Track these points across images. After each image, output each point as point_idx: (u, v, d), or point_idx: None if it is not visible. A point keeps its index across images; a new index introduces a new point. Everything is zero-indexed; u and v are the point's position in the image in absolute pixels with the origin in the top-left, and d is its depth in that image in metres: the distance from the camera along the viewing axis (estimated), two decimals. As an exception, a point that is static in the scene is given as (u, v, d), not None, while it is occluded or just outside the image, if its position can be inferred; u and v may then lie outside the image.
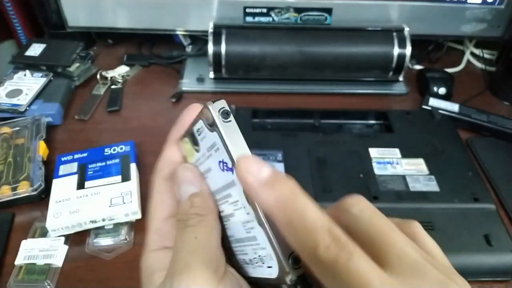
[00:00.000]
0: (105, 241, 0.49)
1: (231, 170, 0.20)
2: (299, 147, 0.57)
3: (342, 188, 0.52)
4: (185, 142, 0.24)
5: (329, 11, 0.71)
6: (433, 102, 0.68)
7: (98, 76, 0.75)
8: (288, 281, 0.19)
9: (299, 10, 0.71)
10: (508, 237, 0.48)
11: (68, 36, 0.78)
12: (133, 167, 0.54)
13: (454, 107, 0.67)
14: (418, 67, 0.81)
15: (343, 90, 0.74)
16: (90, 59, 0.79)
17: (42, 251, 0.47)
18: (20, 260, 0.46)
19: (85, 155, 0.56)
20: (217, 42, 0.67)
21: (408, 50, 0.69)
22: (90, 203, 0.50)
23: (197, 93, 0.73)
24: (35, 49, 0.75)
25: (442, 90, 0.72)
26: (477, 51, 0.84)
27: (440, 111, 0.66)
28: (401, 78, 0.72)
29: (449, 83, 0.72)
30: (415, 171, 0.55)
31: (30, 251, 0.47)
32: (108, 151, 0.56)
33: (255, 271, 0.23)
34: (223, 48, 0.67)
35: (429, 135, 0.60)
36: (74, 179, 0.53)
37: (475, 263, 0.46)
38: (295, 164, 0.55)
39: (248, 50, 0.68)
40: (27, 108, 0.64)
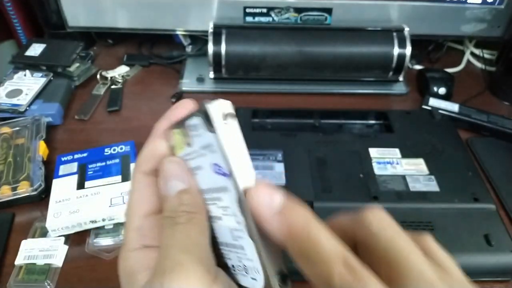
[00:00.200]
0: (105, 241, 0.49)
1: (225, 175, 0.19)
2: (299, 147, 0.57)
3: (342, 188, 0.52)
4: (176, 133, 0.22)
5: (329, 11, 0.71)
6: (433, 102, 0.68)
7: (98, 76, 0.75)
8: None
9: (299, 10, 0.71)
10: (508, 237, 0.48)
11: (68, 36, 0.78)
12: (133, 167, 0.54)
13: (454, 107, 0.67)
14: (418, 67, 0.81)
15: (343, 90, 0.74)
16: (90, 59, 0.79)
17: (42, 251, 0.47)
18: (20, 260, 0.46)
19: (85, 155, 0.56)
20: (217, 42, 0.67)
21: (408, 50, 0.69)
22: (90, 203, 0.50)
23: (197, 93, 0.73)
24: (35, 49, 0.75)
25: (442, 90, 0.72)
26: (477, 51, 0.84)
27: (440, 111, 0.66)
28: (401, 78, 0.72)
29: (449, 83, 0.72)
30: (415, 171, 0.55)
31: (30, 251, 0.47)
32: (108, 151, 0.56)
33: (237, 278, 0.22)
34: (223, 48, 0.67)
35: (429, 135, 0.60)
36: (74, 179, 0.53)
37: (475, 263, 0.46)
38: (295, 164, 0.55)
39: (248, 50, 0.68)
40: (27, 108, 0.64)
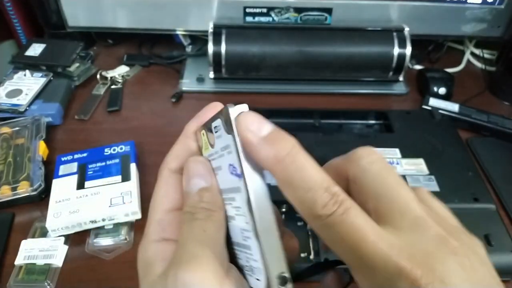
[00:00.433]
0: (105, 241, 0.49)
1: (238, 176, 0.20)
2: (299, 147, 0.57)
3: (342, 188, 0.52)
4: (203, 134, 0.24)
5: (329, 11, 0.71)
6: (433, 102, 0.68)
7: (98, 76, 0.75)
8: None
9: (299, 10, 0.71)
10: (508, 237, 0.48)
11: (68, 36, 0.78)
12: (133, 167, 0.54)
13: (454, 107, 0.67)
14: (418, 67, 0.81)
15: (343, 90, 0.74)
16: (90, 59, 0.79)
17: (42, 251, 0.47)
18: (20, 260, 0.46)
19: (85, 155, 0.56)
20: (217, 42, 0.67)
21: (408, 50, 0.69)
22: (90, 203, 0.50)
23: (197, 93, 0.73)
24: (35, 49, 0.75)
25: (442, 90, 0.72)
26: (477, 51, 0.84)
27: (440, 111, 0.66)
28: (401, 78, 0.72)
29: (449, 83, 0.72)
30: (415, 171, 0.55)
31: (30, 251, 0.47)
32: (108, 151, 0.56)
33: (247, 278, 0.22)
34: (223, 48, 0.67)
35: (429, 135, 0.60)
36: (74, 179, 0.53)
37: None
38: (295, 164, 0.55)
39: (248, 50, 0.68)
40: (27, 108, 0.64)
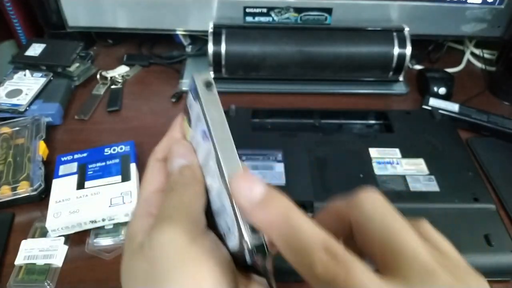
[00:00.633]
0: (105, 241, 0.49)
1: (208, 138, 0.21)
2: (299, 147, 0.57)
3: (342, 188, 0.52)
4: (184, 119, 0.26)
5: (329, 11, 0.71)
6: (433, 102, 0.68)
7: (98, 76, 0.75)
8: (246, 247, 0.19)
9: (299, 10, 0.71)
10: (508, 237, 0.48)
11: (68, 36, 0.78)
12: (133, 167, 0.54)
13: (454, 107, 0.67)
14: (418, 67, 0.81)
15: (343, 90, 0.74)
16: (90, 59, 0.79)
17: (42, 251, 0.47)
18: (20, 260, 0.46)
19: (85, 155, 0.56)
20: (217, 42, 0.67)
21: (408, 50, 0.69)
22: (90, 203, 0.50)
23: (197, 93, 0.73)
24: (35, 49, 0.75)
25: (442, 90, 0.71)
26: (477, 51, 0.84)
27: (440, 111, 0.66)
28: (401, 78, 0.72)
29: (449, 83, 0.72)
30: (415, 171, 0.55)
31: (30, 251, 0.47)
32: (108, 151, 0.56)
33: (226, 242, 0.23)
34: (223, 48, 0.67)
35: (429, 135, 0.60)
36: (74, 179, 0.53)
37: (475, 263, 0.45)
38: (295, 164, 0.55)
39: (248, 50, 0.68)
40: (27, 108, 0.64)
